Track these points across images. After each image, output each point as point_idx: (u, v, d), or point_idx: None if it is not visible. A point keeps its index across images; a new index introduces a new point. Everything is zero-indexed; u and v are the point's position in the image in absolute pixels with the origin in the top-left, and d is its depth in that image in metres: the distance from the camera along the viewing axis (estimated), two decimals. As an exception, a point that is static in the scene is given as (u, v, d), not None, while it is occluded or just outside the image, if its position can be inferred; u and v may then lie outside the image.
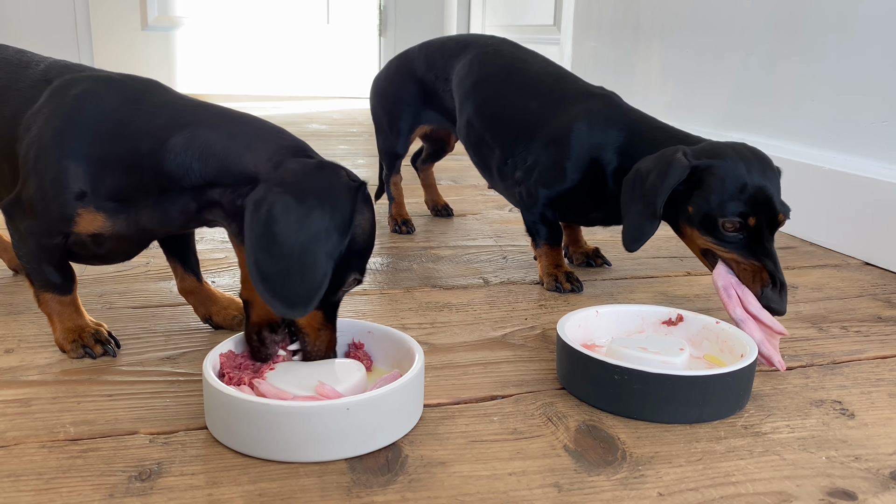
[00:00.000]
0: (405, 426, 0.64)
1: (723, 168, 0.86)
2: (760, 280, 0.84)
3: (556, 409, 0.70)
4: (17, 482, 0.55)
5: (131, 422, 0.65)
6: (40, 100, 0.74)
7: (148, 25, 3.39)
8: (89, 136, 0.70)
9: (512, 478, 0.58)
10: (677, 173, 0.87)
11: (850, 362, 0.83)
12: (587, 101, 1.05)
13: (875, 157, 1.24)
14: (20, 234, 0.74)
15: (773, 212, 0.86)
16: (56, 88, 0.74)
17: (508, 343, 0.85)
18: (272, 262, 0.61)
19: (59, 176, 0.70)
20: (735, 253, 0.87)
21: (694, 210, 0.88)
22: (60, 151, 0.70)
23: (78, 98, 0.72)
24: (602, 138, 1.01)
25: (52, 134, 0.71)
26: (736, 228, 0.86)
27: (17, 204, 0.73)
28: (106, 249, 0.77)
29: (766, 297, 0.84)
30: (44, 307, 0.78)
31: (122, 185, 0.70)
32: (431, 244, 1.27)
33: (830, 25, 1.32)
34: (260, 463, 0.59)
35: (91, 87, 0.73)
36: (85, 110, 0.71)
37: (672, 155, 0.89)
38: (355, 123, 2.86)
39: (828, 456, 0.63)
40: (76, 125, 0.70)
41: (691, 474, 0.59)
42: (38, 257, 0.75)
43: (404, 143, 1.34)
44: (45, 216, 0.71)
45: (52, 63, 0.80)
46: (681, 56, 1.77)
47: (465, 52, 1.22)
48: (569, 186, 1.03)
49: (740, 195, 0.85)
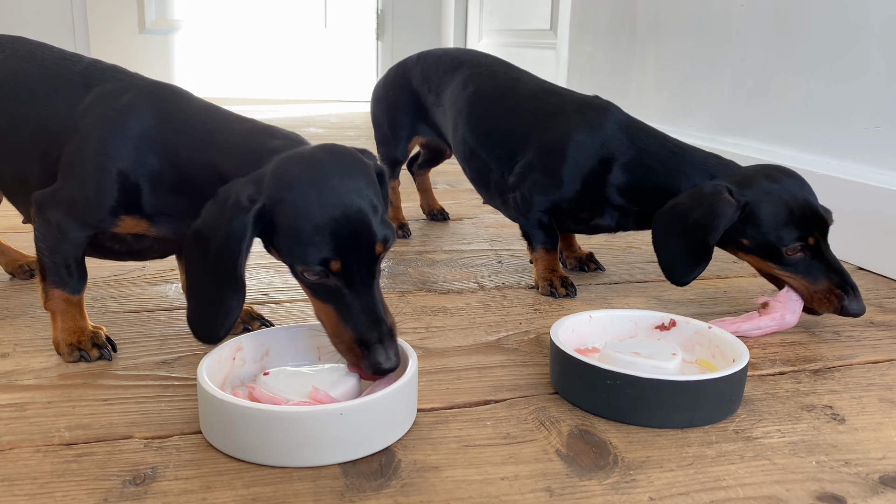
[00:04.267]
0: (399, 431, 0.64)
1: (769, 199, 0.90)
2: (836, 298, 0.90)
3: (548, 413, 0.70)
4: (12, 486, 0.56)
5: (126, 426, 0.65)
6: (83, 103, 0.75)
7: (146, 29, 3.39)
8: (140, 153, 0.73)
9: (504, 482, 0.58)
10: (729, 215, 0.90)
11: (841, 367, 0.83)
12: (585, 112, 1.06)
13: (868, 163, 1.25)
14: (49, 226, 0.75)
15: (824, 223, 0.90)
16: (104, 96, 0.76)
17: (502, 347, 0.86)
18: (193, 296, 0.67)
19: (105, 184, 0.73)
20: (803, 278, 0.91)
21: (751, 243, 0.92)
22: (110, 161, 0.72)
23: (126, 110, 0.74)
24: (603, 149, 1.02)
25: (101, 144, 0.73)
26: (798, 251, 0.90)
27: (53, 198, 0.75)
28: (145, 246, 0.79)
29: (844, 310, 0.89)
30: (49, 304, 0.78)
31: (170, 201, 0.74)
32: (427, 248, 1.28)
33: (824, 31, 1.33)
34: (254, 467, 0.59)
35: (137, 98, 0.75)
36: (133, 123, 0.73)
37: (718, 195, 0.91)
38: (353, 127, 2.86)
39: (818, 460, 0.63)
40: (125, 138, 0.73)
41: (682, 479, 0.60)
42: (61, 251, 0.76)
43: (403, 149, 1.36)
44: (86, 215, 0.74)
45: (91, 64, 0.81)
46: (676, 61, 1.78)
47: (460, 69, 1.23)
48: (567, 196, 1.04)
49: (795, 220, 0.89)
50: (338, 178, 0.63)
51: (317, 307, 0.67)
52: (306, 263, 0.63)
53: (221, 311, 0.64)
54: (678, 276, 0.94)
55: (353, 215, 0.63)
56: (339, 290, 0.64)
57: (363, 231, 0.63)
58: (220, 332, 0.65)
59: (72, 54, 0.83)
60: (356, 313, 0.64)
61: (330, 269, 0.63)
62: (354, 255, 0.63)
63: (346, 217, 0.62)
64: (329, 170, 0.64)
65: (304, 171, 0.64)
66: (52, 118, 0.77)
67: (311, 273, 0.63)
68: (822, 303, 0.91)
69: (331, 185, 0.63)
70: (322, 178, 0.63)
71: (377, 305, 0.65)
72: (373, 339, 0.64)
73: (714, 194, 0.91)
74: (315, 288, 0.65)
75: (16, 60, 0.82)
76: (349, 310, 0.64)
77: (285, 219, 0.63)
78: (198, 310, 0.67)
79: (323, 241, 0.62)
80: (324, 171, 0.64)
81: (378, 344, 0.64)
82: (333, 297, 0.65)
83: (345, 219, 0.62)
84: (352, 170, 0.65)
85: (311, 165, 0.64)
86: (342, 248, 0.62)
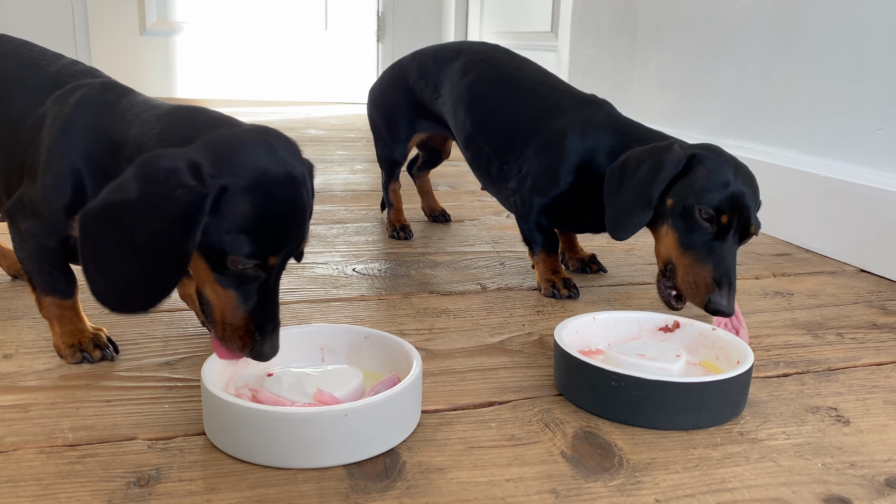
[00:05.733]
0: (403, 432, 0.64)
1: (713, 161, 0.90)
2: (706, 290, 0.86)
3: (553, 415, 0.70)
4: (16, 488, 0.56)
5: (130, 427, 0.65)
6: (45, 105, 0.74)
7: (146, 31, 3.39)
8: (87, 146, 0.70)
9: (509, 484, 0.58)
10: (674, 163, 0.90)
11: (845, 369, 0.83)
12: (581, 109, 1.06)
13: (870, 165, 1.25)
14: (21, 236, 0.74)
15: (745, 217, 0.88)
16: (60, 96, 0.74)
17: (506, 349, 0.85)
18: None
19: (59, 183, 0.70)
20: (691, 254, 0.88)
21: (674, 202, 0.90)
22: (61, 158, 0.70)
23: (75, 105, 0.72)
24: (595, 144, 1.02)
25: (52, 141, 0.71)
26: (708, 219, 0.88)
27: (20, 204, 0.74)
28: None
29: (710, 303, 0.86)
30: (44, 311, 0.78)
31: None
32: (429, 250, 1.28)
33: (826, 33, 1.33)
34: (258, 469, 0.59)
35: (86, 94, 0.73)
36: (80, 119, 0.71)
37: (668, 147, 0.92)
38: (353, 129, 2.86)
39: (823, 462, 0.63)
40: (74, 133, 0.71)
41: (688, 481, 0.60)
42: (39, 259, 0.75)
43: (402, 150, 1.35)
44: (46, 218, 0.72)
45: (66, 66, 0.79)
46: (677, 63, 1.78)
47: (458, 58, 1.23)
48: (562, 191, 1.04)
49: (724, 193, 0.88)
50: (286, 168, 0.61)
51: (213, 290, 0.63)
52: (244, 255, 0.59)
53: (157, 287, 0.59)
54: (617, 230, 0.93)
55: (297, 212, 0.61)
56: (253, 279, 0.62)
57: (301, 228, 0.62)
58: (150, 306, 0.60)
59: (52, 54, 0.81)
60: (259, 302, 0.62)
61: (266, 262, 0.61)
62: (286, 251, 0.62)
63: (292, 213, 0.61)
64: (277, 158, 0.61)
65: (256, 152, 0.60)
66: (22, 121, 0.75)
67: (242, 264, 0.60)
68: (690, 290, 0.88)
69: (280, 176, 0.60)
70: (272, 167, 0.60)
71: (277, 299, 0.64)
72: (268, 330, 0.62)
73: (665, 146, 0.92)
74: (228, 276, 0.61)
75: None
76: (253, 299, 0.62)
77: (233, 206, 0.58)
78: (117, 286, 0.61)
79: (268, 236, 0.60)
80: (274, 158, 0.61)
81: (271, 334, 0.63)
82: (241, 286, 0.62)
83: (291, 215, 0.61)
84: (296, 159, 0.63)
85: (264, 148, 0.61)
86: (282, 244, 0.61)
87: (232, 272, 0.61)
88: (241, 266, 0.60)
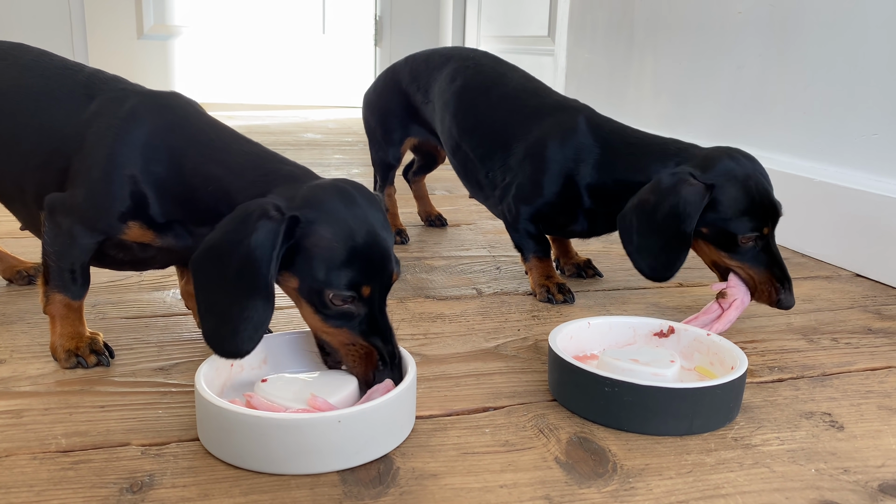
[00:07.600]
0: (397, 438, 0.64)
1: (732, 184, 0.90)
2: (775, 291, 0.92)
3: (547, 420, 0.70)
4: (8, 494, 0.55)
5: (123, 433, 0.65)
6: (86, 113, 0.76)
7: (144, 34, 3.39)
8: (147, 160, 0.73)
9: (503, 490, 0.58)
10: (698, 197, 0.89)
11: (839, 374, 0.83)
12: (559, 115, 1.06)
13: (866, 170, 1.25)
14: (60, 231, 0.76)
15: (776, 215, 0.92)
16: (107, 104, 0.77)
17: (501, 354, 0.86)
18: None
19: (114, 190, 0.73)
20: (751, 268, 0.92)
21: (710, 231, 0.92)
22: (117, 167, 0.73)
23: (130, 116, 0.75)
24: (575, 152, 1.02)
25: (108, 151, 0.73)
26: (752, 241, 0.91)
27: (65, 204, 0.75)
28: (148, 255, 0.79)
29: (780, 303, 0.92)
30: (49, 308, 0.78)
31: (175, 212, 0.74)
32: (425, 254, 1.28)
33: (822, 37, 1.33)
34: (252, 475, 0.59)
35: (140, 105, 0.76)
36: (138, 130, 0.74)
37: (683, 182, 0.90)
38: (350, 133, 2.86)
39: (817, 468, 0.63)
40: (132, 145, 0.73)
41: (682, 486, 0.60)
42: (68, 256, 0.76)
43: (396, 153, 1.36)
44: (96, 220, 0.74)
45: (94, 74, 0.82)
46: (674, 67, 1.78)
47: (448, 64, 1.23)
48: (546, 201, 1.04)
49: (755, 209, 0.90)
50: (364, 208, 0.66)
51: (325, 331, 0.67)
52: (339, 287, 0.63)
53: (248, 325, 0.63)
54: (661, 273, 0.93)
55: (381, 243, 0.65)
56: (358, 314, 0.66)
57: (387, 259, 0.66)
58: (248, 346, 0.64)
59: (74, 63, 0.84)
60: (375, 332, 0.66)
61: (360, 293, 0.64)
62: (380, 282, 0.65)
63: (376, 244, 0.65)
64: (355, 199, 0.66)
65: (333, 196, 0.65)
66: (56, 129, 0.77)
67: (341, 298, 0.64)
68: (761, 294, 0.93)
69: (360, 214, 0.65)
70: (351, 206, 0.65)
71: (391, 328, 0.68)
72: (390, 357, 0.66)
73: (678, 182, 0.90)
74: (333, 315, 0.66)
75: (19, 69, 0.83)
76: (367, 329, 0.66)
77: (318, 240, 0.63)
78: (218, 326, 0.64)
79: (358, 267, 0.64)
80: (352, 199, 0.66)
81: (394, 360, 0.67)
82: (349, 322, 0.66)
83: (376, 246, 0.65)
84: (373, 202, 0.68)
85: (338, 193, 0.66)
86: (373, 274, 0.65)
87: (333, 310, 0.65)
88: (338, 301, 0.64)
